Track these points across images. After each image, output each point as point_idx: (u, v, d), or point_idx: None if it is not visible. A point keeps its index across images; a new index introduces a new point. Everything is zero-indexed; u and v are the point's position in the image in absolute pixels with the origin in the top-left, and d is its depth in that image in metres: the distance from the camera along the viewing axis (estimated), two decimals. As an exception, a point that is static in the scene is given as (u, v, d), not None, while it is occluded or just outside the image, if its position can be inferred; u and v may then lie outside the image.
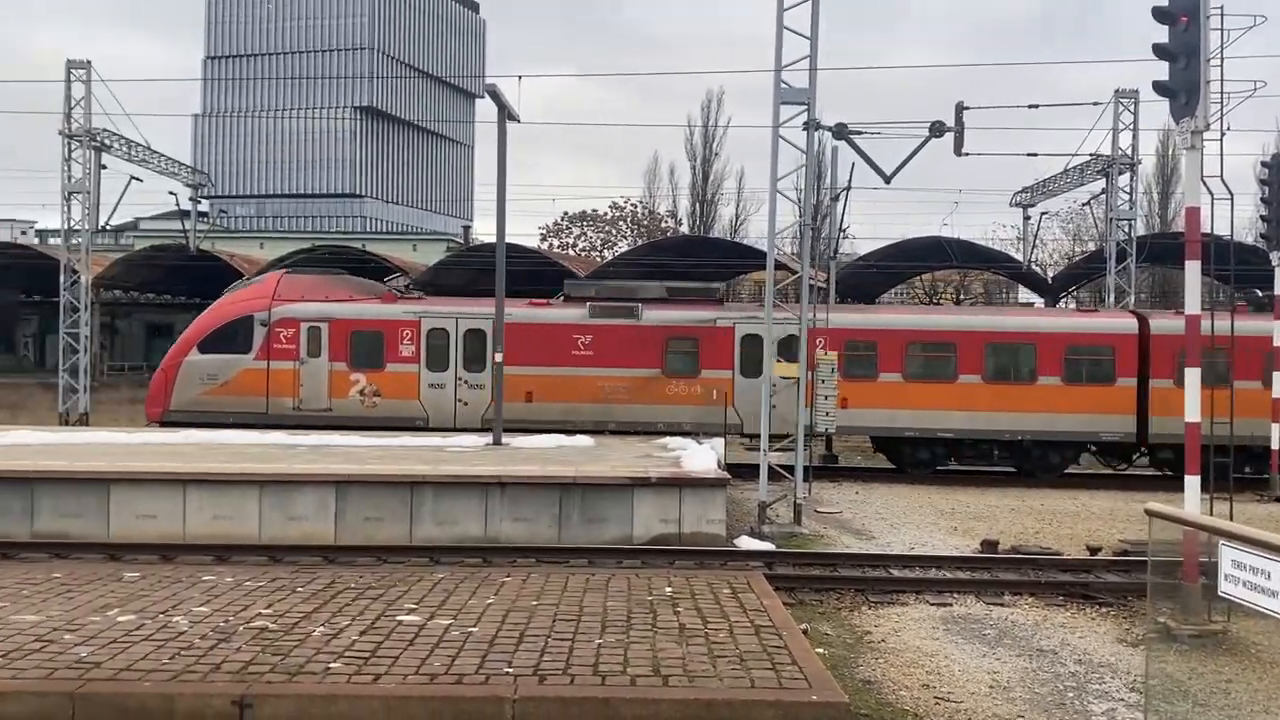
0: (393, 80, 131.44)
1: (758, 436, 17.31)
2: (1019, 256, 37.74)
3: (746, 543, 14.61)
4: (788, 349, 22.21)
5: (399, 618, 9.17)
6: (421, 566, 12.15)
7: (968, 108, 19.03)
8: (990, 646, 10.36)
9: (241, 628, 8.73)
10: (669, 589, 10.48)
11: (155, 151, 33.31)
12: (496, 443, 18.35)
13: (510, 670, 7.70)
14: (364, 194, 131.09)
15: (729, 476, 15.06)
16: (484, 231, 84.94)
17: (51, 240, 60.57)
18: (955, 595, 12.29)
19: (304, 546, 13.36)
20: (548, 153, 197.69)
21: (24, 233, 77.56)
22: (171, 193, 35.53)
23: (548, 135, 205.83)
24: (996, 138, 20.68)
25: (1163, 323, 22.82)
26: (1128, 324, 23.16)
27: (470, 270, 41.64)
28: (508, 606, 9.66)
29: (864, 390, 22.60)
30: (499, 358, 19.21)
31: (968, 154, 19.28)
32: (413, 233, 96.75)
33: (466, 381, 23.11)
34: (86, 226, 30.91)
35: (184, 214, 36.75)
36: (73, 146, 30.32)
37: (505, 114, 18.89)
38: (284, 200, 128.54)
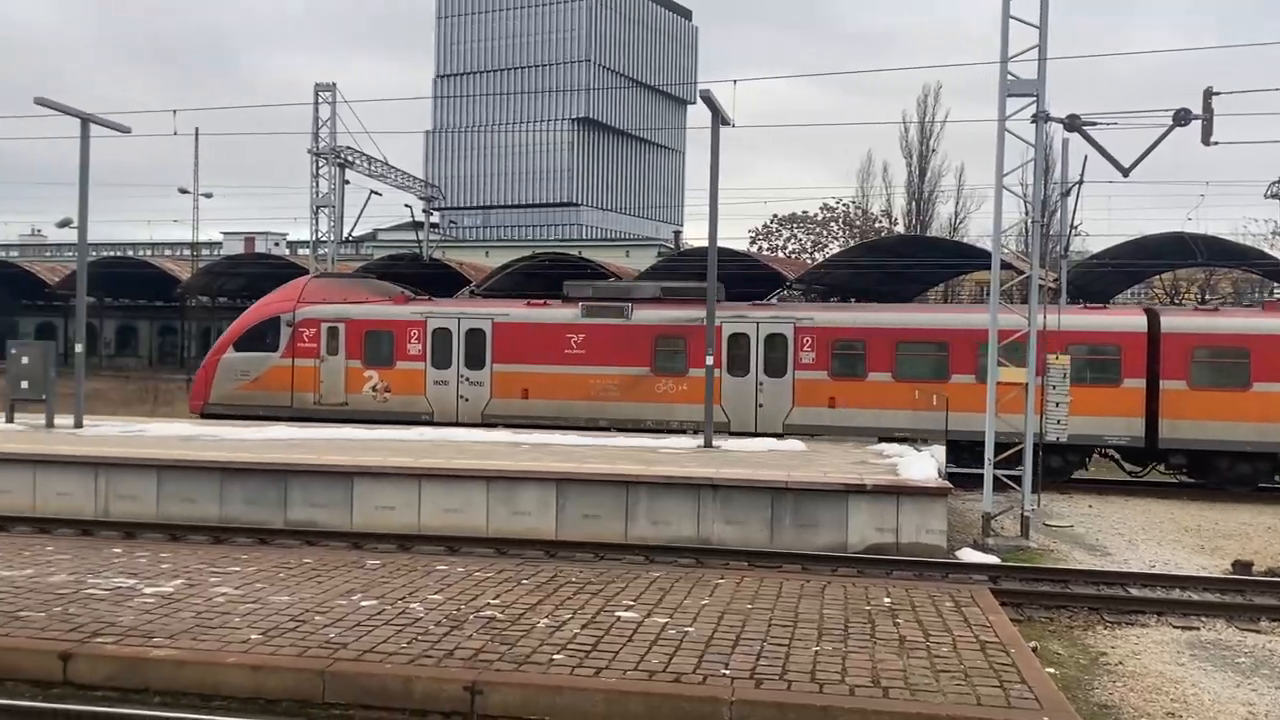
0: (608, 91, 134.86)
1: (745, 434, 15.57)
2: (1275, 253, 34.55)
3: (969, 555, 14.05)
4: (773, 348, 22.70)
5: (618, 613, 9.38)
6: (637, 564, 12.40)
7: (1217, 93, 17.56)
8: (1244, 676, 9.51)
9: (472, 616, 9.17)
10: (887, 599, 10.23)
11: (392, 167, 35.58)
12: (707, 445, 18.46)
13: (727, 672, 7.73)
14: (580, 202, 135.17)
15: (950, 486, 14.53)
16: (694, 236, 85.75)
17: (301, 251, 65.75)
18: (1202, 618, 11.37)
19: (527, 540, 13.89)
20: (760, 155, 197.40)
21: (276, 244, 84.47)
22: (407, 205, 37.88)
23: (760, 138, 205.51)
24: (1248, 124, 18.84)
25: (1175, 320, 21.54)
26: (1135, 321, 21.76)
27: (680, 275, 42.13)
28: (722, 608, 9.70)
29: (852, 390, 22.41)
30: (709, 360, 19.30)
31: (1216, 143, 17.79)
32: (626, 239, 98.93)
33: (467, 379, 23.91)
34: (332, 238, 33.36)
35: (417, 225, 39.06)
36: (320, 164, 32.81)
37: (719, 118, 19.00)
38: (507, 210, 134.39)
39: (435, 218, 44.92)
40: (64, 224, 61.89)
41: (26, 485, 15.35)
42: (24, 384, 20.22)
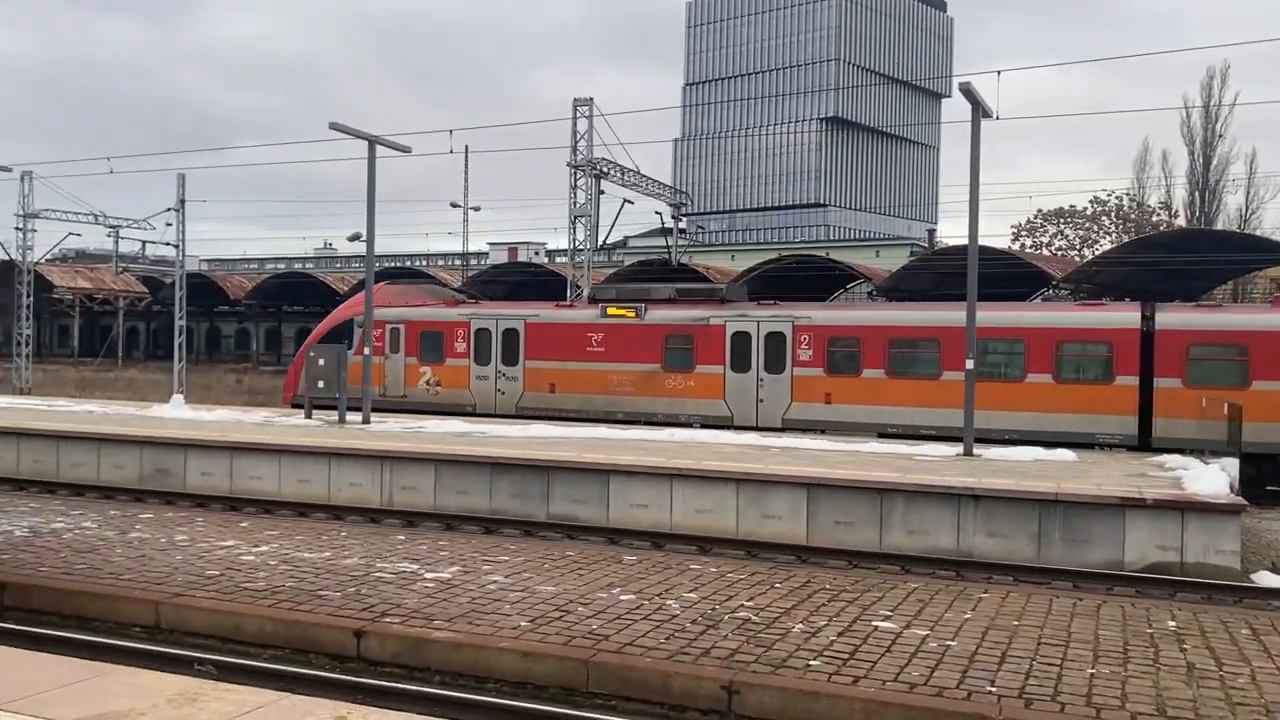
0: (858, 89, 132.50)
1: (747, 428, 16.15)
2: None
3: (1267, 579, 12.73)
4: (773, 346, 23.68)
5: (875, 623, 9.20)
6: (893, 574, 12.09)
7: None
8: None
9: (727, 617, 9.27)
10: (1172, 623, 9.46)
11: (644, 176, 36.51)
12: (967, 453, 17.73)
13: (993, 689, 7.40)
14: (828, 203, 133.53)
15: (1244, 502, 13.23)
16: (949, 234, 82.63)
17: (559, 259, 68.66)
18: None
19: (778, 545, 13.86)
20: (1024, 148, 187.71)
21: (536, 253, 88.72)
22: (657, 212, 38.73)
23: (1024, 130, 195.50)
24: None
25: (1170, 316, 20.90)
26: (1128, 317, 21.22)
27: (935, 274, 40.73)
28: (986, 623, 9.30)
29: (848, 386, 22.77)
30: (970, 364, 18.50)
31: None
32: (875, 239, 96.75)
33: (504, 374, 25.74)
34: (588, 246, 34.66)
35: (666, 231, 39.88)
36: (577, 176, 34.16)
37: (979, 111, 18.23)
38: (753, 214, 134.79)
39: (683, 223, 45.70)
40: (353, 238, 67.66)
41: (323, 475, 16.90)
42: (320, 384, 22.27)
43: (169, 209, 46.66)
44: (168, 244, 49.60)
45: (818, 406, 23.14)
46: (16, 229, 45.42)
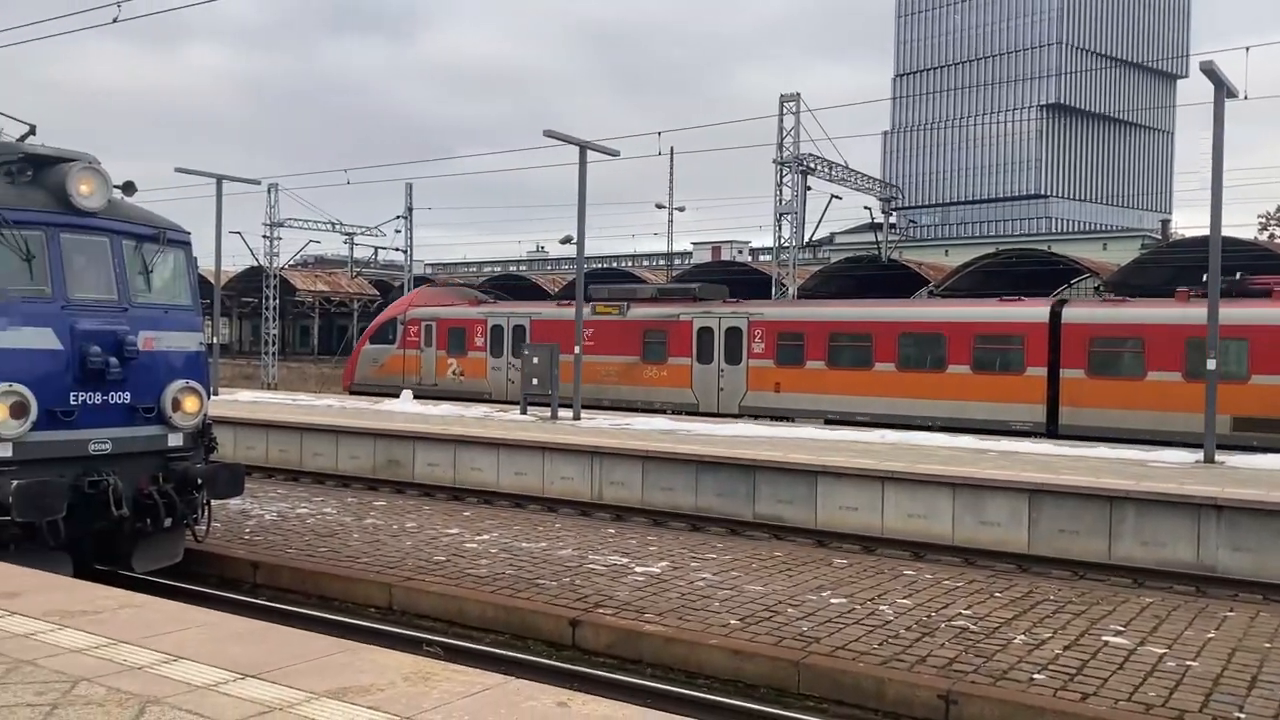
0: (1082, 73, 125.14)
1: (710, 415, 18.70)
2: None
3: None
4: (731, 339, 26.39)
5: (1105, 638, 8.68)
6: (1124, 587, 11.37)
7: None
8: None
9: (943, 625, 8.98)
10: None
11: (852, 170, 35.86)
12: (1208, 460, 16.43)
13: (1242, 716, 6.84)
14: (1049, 194, 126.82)
15: None
16: (1185, 224, 76.76)
17: (763, 257, 68.44)
18: None
19: (996, 552, 13.29)
20: (1271, 130, 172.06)
21: (740, 252, 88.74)
22: (866, 207, 37.96)
23: (1276, 111, 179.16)
24: None
25: (1075, 310, 23.06)
26: (1038, 312, 23.14)
27: (1168, 268, 37.90)
28: (1232, 644, 8.60)
29: (794, 376, 25.20)
30: (1211, 364, 17.10)
31: None
32: (1102, 231, 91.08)
33: (513, 365, 28.99)
34: (794, 243, 34.38)
35: (875, 226, 39.02)
36: (784, 172, 33.95)
37: (1223, 92, 16.84)
38: (967, 207, 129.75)
39: (893, 218, 44.53)
40: (565, 240, 69.83)
41: (538, 469, 17.54)
42: (534, 380, 23.13)
43: (398, 216, 49.60)
44: (397, 249, 52.79)
45: (769, 394, 25.78)
46: (264, 237, 49.54)
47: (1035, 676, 7.59)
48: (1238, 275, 22.50)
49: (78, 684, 4.76)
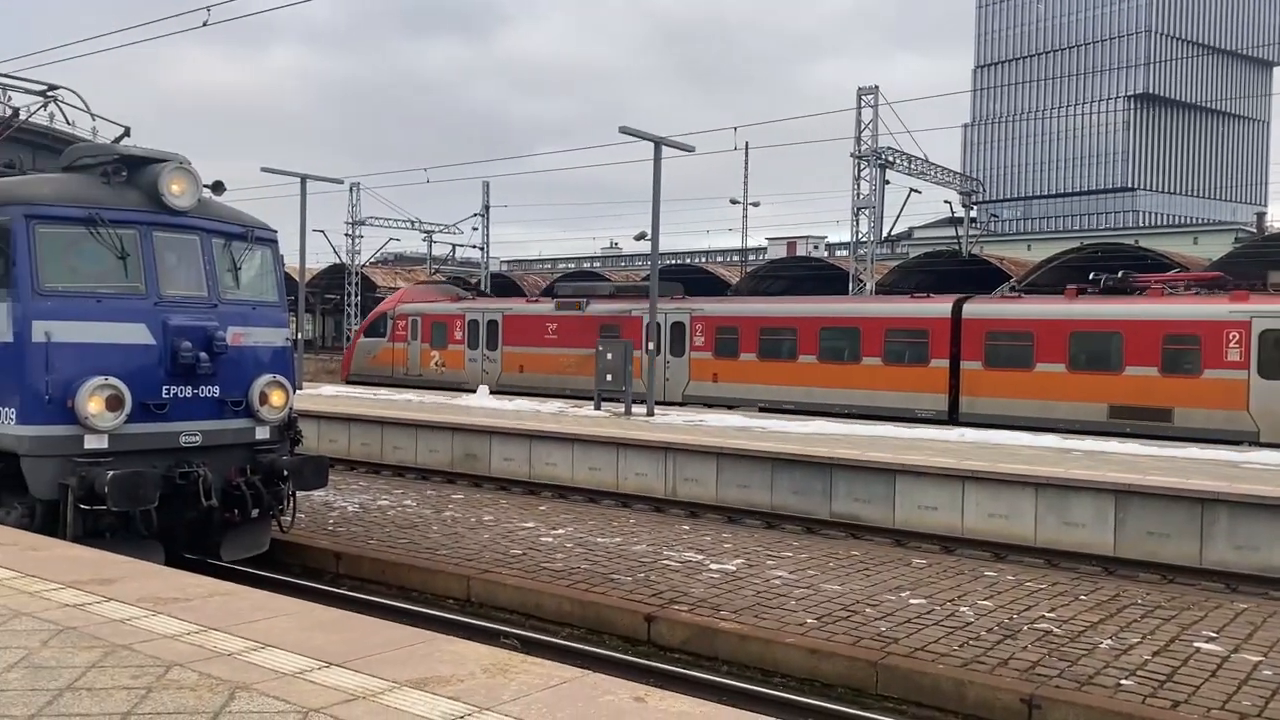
0: (1172, 62, 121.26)
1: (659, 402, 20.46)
2: None
3: None
4: (676, 333, 28.76)
5: (1196, 644, 8.41)
6: (1217, 592, 11.00)
7: None
8: None
9: (1025, 627, 8.79)
10: None
11: (932, 164, 35.26)
12: (1308, 462, 15.79)
13: (1344, 730, 6.57)
14: (1136, 187, 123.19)
15: None
16: (1283, 218, 73.88)
17: (839, 253, 67.72)
18: None
19: (1081, 554, 12.97)
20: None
21: (815, 247, 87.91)
22: (946, 201, 37.27)
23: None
24: None
25: (975, 307, 24.62)
26: (941, 309, 24.83)
27: (1265, 261, 36.59)
28: (1335, 654, 8.26)
29: (730, 367, 27.52)
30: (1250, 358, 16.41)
31: None
32: (1193, 224, 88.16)
33: (487, 357, 32.18)
34: (871, 238, 33.94)
35: (955, 220, 38.32)
36: (861, 166, 33.53)
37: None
38: (1051, 200, 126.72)
39: (974, 212, 43.70)
40: (639, 237, 69.91)
41: (612, 464, 17.61)
42: (609, 376, 23.22)
43: (475, 214, 50.21)
44: (474, 246, 53.48)
45: (708, 384, 28.00)
46: (346, 235, 50.56)
47: (1122, 682, 7.39)
48: (1119, 274, 24.89)
49: (170, 669, 4.91)
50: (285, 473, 10.41)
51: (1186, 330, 22.09)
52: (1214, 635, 8.70)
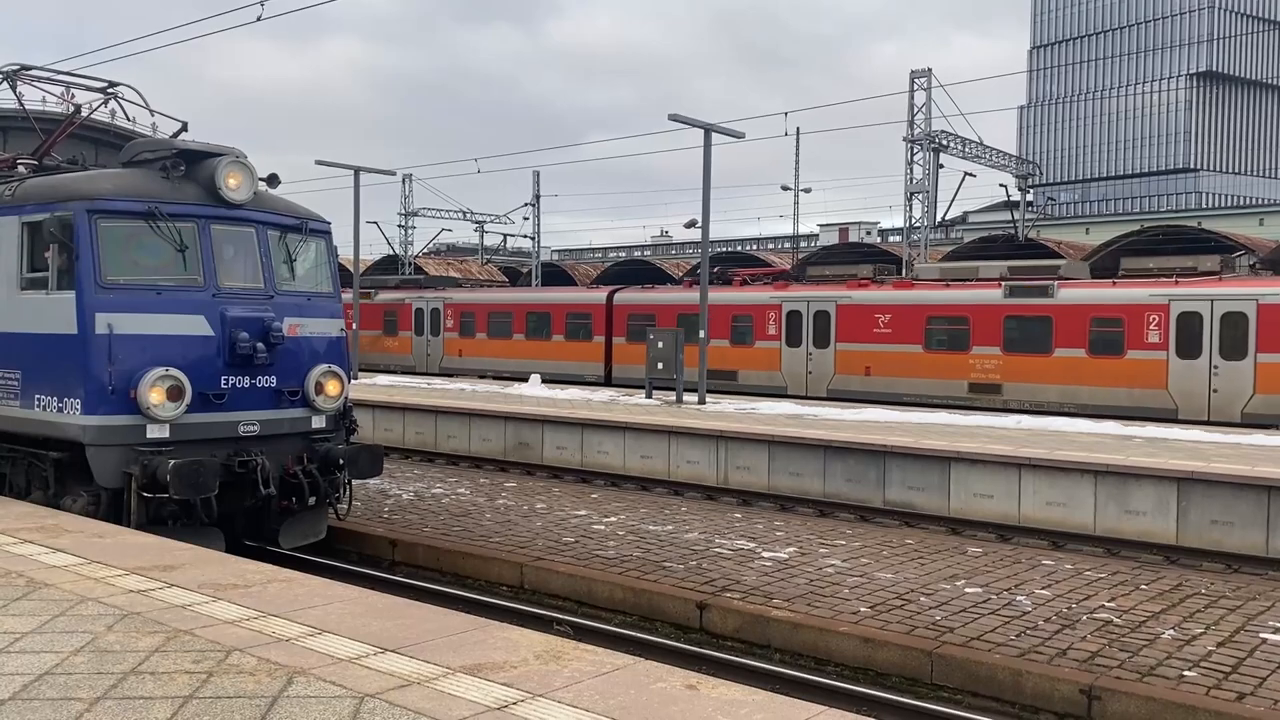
0: (1235, 38, 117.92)
1: (422, 373, 29.81)
2: None
3: None
4: (434, 317, 37.31)
5: (1263, 635, 8.21)
6: (1284, 582, 10.72)
7: None
8: None
9: (1085, 617, 8.64)
10: None
11: (987, 147, 34.69)
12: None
13: None
14: (1199, 168, 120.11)
15: None
16: (1354, 197, 71.51)
17: (892, 239, 66.96)
18: None
19: (1141, 543, 12.72)
20: None
21: (868, 233, 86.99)
22: (1001, 185, 36.66)
23: None
24: None
25: (623, 294, 32.35)
26: (599, 296, 32.60)
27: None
28: None
29: (470, 344, 36.10)
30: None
31: None
32: (1258, 205, 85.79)
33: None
34: (925, 223, 33.49)
35: (1011, 204, 37.67)
36: (914, 150, 33.08)
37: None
38: (1108, 183, 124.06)
39: (1030, 195, 42.91)
40: (689, 225, 69.67)
41: (663, 452, 17.62)
42: (659, 365, 23.21)
43: (525, 204, 50.41)
44: (525, 236, 53.71)
45: (455, 358, 36.26)
46: (399, 226, 51.06)
47: (1185, 674, 7.24)
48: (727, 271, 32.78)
49: (230, 654, 5.01)
50: (341, 461, 10.56)
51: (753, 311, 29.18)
52: (1281, 626, 8.49)
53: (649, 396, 23.39)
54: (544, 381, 27.86)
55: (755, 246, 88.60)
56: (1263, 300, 21.80)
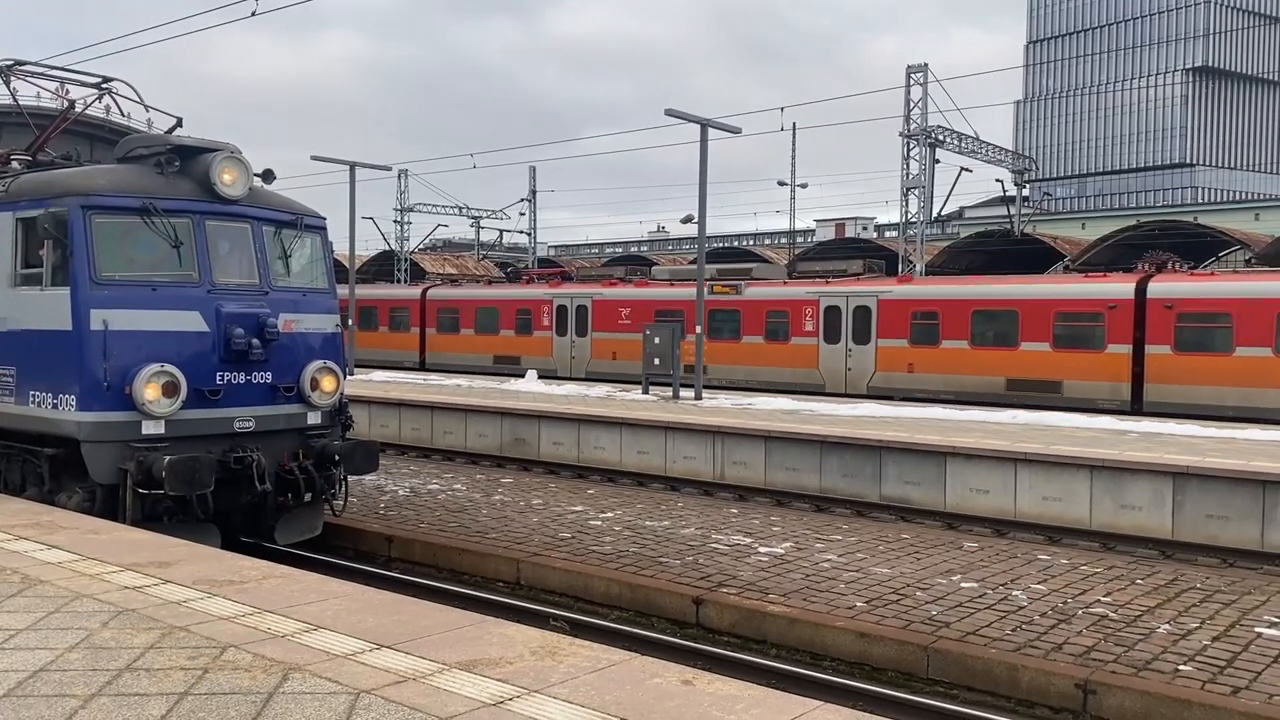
0: (1232, 33, 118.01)
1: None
2: None
3: None
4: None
5: (1257, 629, 8.23)
6: (1279, 575, 10.74)
7: None
8: None
9: (1080, 612, 8.66)
10: None
11: (983, 142, 34.68)
12: (1375, 443, 15.35)
13: None
14: (1195, 162, 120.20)
15: None
16: (1350, 192, 71.66)
17: (889, 234, 66.98)
18: None
19: (1137, 538, 12.74)
20: None
21: (864, 228, 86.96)
22: (997, 180, 36.69)
23: None
24: None
25: (434, 291, 38.07)
26: (414, 293, 38.26)
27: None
28: (1403, 640, 8.03)
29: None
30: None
31: None
32: (1254, 200, 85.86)
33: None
34: (921, 218, 33.49)
35: (1007, 199, 37.67)
36: (911, 146, 33.07)
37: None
38: (1106, 178, 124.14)
39: (1026, 191, 42.92)
40: (686, 220, 69.67)
41: (660, 448, 17.62)
42: (656, 360, 23.20)
43: (522, 200, 50.37)
44: (521, 232, 53.64)
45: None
46: (395, 221, 50.98)
47: (1181, 668, 7.25)
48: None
49: (226, 650, 5.00)
50: (337, 457, 10.55)
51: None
52: (1276, 620, 8.50)
53: (645, 392, 23.39)
54: (408, 367, 32.29)
55: (752, 242, 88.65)
56: (881, 297, 26.45)
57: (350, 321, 30.38)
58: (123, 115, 17.10)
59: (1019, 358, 24.26)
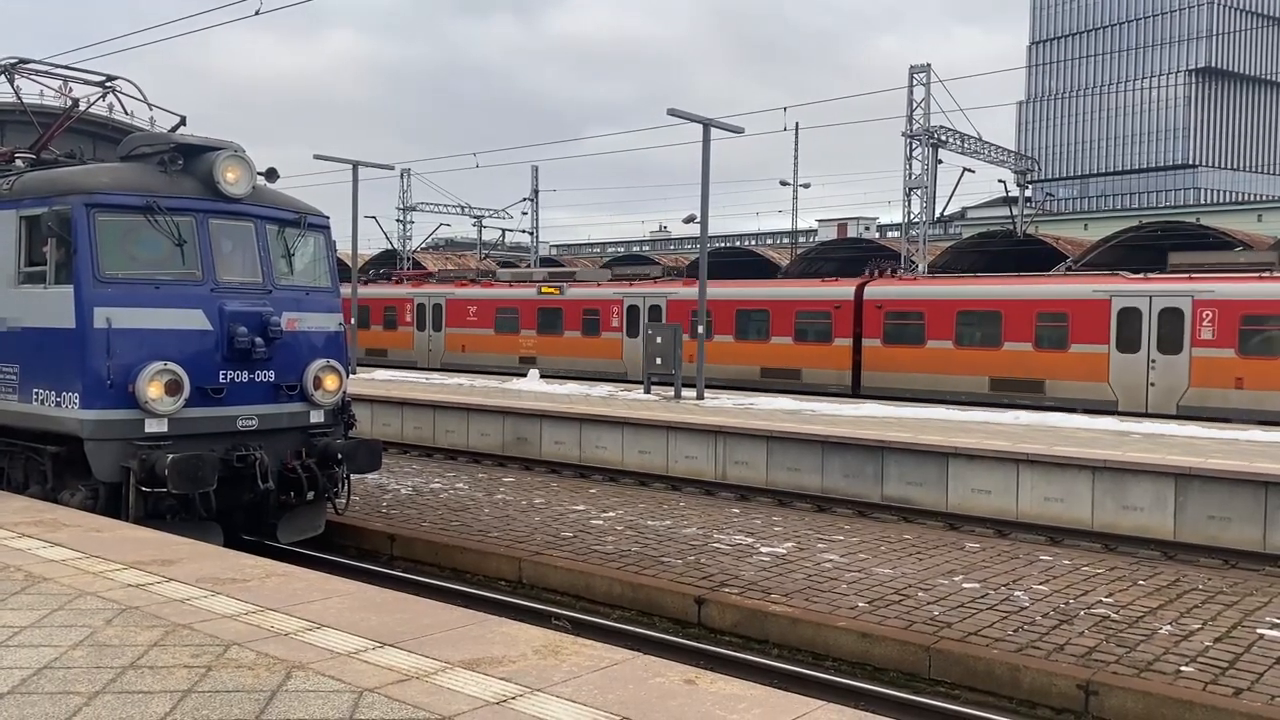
0: (1235, 34, 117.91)
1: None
2: None
3: None
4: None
5: (1259, 630, 8.23)
6: (1281, 578, 10.74)
7: None
8: None
9: (1082, 613, 8.66)
10: None
11: (985, 143, 34.67)
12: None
13: None
14: (1198, 164, 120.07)
15: None
16: (1353, 194, 71.54)
17: (890, 234, 66.96)
18: None
19: (1139, 539, 12.73)
20: None
21: (866, 229, 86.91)
22: (1000, 180, 36.63)
23: None
24: None
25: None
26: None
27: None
28: (1405, 642, 8.02)
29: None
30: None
31: None
32: (1257, 202, 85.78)
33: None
34: (923, 218, 33.49)
35: (1010, 200, 37.66)
36: (913, 146, 33.06)
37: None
38: (1108, 179, 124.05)
39: (1029, 191, 42.92)
40: (688, 220, 69.63)
41: (662, 447, 17.62)
42: (658, 360, 23.21)
43: (524, 199, 50.41)
44: (524, 231, 53.65)
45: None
46: (397, 221, 51.01)
47: (1183, 669, 7.25)
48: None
49: (229, 648, 5.01)
50: (339, 456, 10.55)
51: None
52: (1278, 621, 8.51)
53: (647, 392, 23.39)
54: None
55: (754, 242, 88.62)
56: (670, 298, 30.59)
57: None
58: (126, 114, 17.10)
59: (771, 350, 28.59)
